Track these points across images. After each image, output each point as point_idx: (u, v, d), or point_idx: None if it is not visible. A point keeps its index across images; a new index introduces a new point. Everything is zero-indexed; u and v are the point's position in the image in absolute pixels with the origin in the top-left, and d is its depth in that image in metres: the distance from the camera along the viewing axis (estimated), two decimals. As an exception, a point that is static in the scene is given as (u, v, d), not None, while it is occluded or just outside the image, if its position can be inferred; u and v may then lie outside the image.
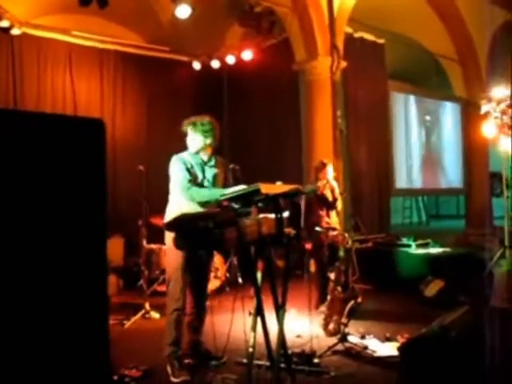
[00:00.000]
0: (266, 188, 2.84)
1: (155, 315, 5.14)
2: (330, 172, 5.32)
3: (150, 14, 8.87)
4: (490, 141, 9.54)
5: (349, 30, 8.15)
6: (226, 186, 3.68)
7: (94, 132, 1.44)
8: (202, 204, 3.52)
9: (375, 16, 8.70)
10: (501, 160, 6.44)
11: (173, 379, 3.46)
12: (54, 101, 7.53)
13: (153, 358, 3.78)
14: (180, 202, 3.58)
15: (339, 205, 5.36)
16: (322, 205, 5.28)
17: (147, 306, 5.23)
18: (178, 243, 2.63)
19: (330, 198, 5.28)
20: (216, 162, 3.78)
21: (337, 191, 5.30)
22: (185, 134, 3.73)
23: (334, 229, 5.12)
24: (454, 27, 10.02)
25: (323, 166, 5.35)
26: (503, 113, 5.29)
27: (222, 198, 3.08)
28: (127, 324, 4.88)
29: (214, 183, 3.70)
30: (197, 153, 3.70)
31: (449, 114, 10.79)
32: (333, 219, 5.36)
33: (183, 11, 6.24)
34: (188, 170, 3.60)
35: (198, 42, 9.05)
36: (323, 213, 5.28)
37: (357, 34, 8.38)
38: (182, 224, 2.58)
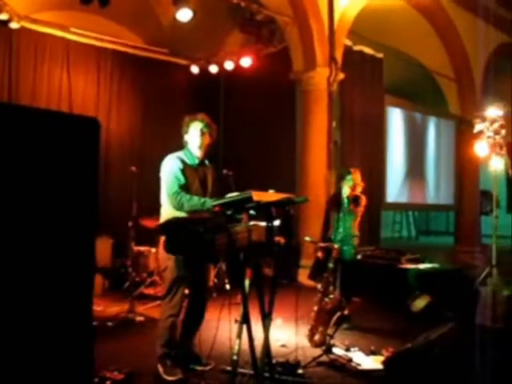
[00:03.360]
0: (258, 195, 2.84)
1: (140, 318, 5.09)
2: (353, 180, 5.18)
3: (151, 15, 8.87)
4: (482, 159, 9.66)
5: (348, 42, 8.21)
6: (213, 191, 3.65)
7: (89, 130, 1.42)
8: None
9: (375, 30, 8.78)
10: (491, 179, 6.49)
11: (166, 377, 3.45)
12: (49, 97, 7.49)
13: (137, 360, 3.75)
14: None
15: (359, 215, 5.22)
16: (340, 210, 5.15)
17: (132, 308, 5.18)
18: (167, 247, 2.62)
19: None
20: (209, 165, 3.76)
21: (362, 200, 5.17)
22: (185, 132, 3.68)
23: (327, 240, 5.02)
24: (452, 46, 10.15)
25: (349, 173, 5.20)
26: (496, 132, 5.33)
27: (214, 203, 3.05)
28: (111, 325, 4.83)
29: (206, 187, 3.66)
30: (194, 152, 3.65)
31: (443, 131, 10.87)
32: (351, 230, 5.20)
33: (184, 14, 6.24)
34: (182, 171, 3.53)
35: (197, 46, 9.06)
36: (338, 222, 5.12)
37: (356, 47, 8.44)
38: (173, 228, 2.57)
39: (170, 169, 3.55)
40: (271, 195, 3.03)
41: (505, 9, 10.92)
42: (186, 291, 3.68)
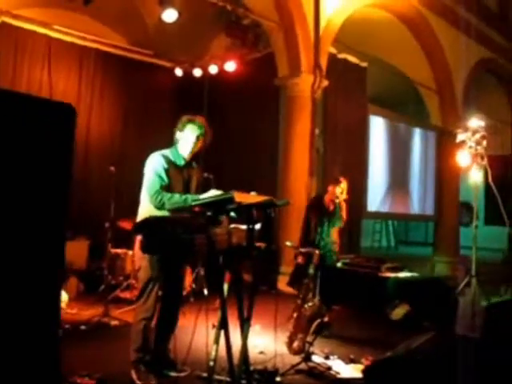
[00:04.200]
0: (240, 197, 2.77)
1: (115, 322, 4.95)
2: (339, 188, 5.31)
3: (136, 16, 8.80)
4: (462, 170, 9.76)
5: (333, 50, 8.23)
6: (198, 192, 3.54)
7: (64, 117, 1.34)
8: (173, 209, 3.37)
9: (360, 40, 8.83)
10: (470, 190, 6.54)
11: (139, 383, 3.33)
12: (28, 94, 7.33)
13: (110, 365, 3.63)
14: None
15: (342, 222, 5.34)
16: (322, 216, 5.23)
17: (107, 311, 5.04)
18: (144, 247, 2.52)
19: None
20: (195, 167, 3.68)
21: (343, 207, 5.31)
22: (179, 130, 3.57)
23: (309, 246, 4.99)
24: (435, 58, 10.27)
25: (338, 182, 5.31)
26: (477, 143, 5.37)
27: (194, 203, 2.96)
28: (84, 329, 4.68)
29: (190, 188, 3.57)
30: (182, 152, 3.55)
31: (424, 142, 10.97)
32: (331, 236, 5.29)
33: (170, 15, 6.18)
34: (166, 170, 3.43)
35: (181, 48, 9.01)
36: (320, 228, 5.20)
37: (340, 55, 8.47)
38: (150, 227, 2.47)
39: (153, 167, 3.44)
40: (253, 197, 2.96)
41: (485, 24, 11.15)
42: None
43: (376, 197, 9.69)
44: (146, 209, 3.44)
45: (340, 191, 5.23)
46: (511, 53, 12.39)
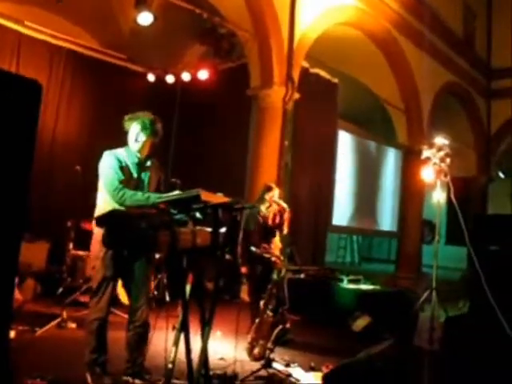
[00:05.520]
0: (207, 196, 2.74)
1: (72, 325, 4.81)
2: (276, 194, 5.13)
3: (111, 19, 8.74)
4: (426, 189, 9.99)
5: (306, 64, 8.35)
6: (158, 191, 3.46)
7: (28, 92, 1.30)
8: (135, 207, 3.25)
9: (332, 56, 9.01)
10: (433, 209, 6.70)
11: None
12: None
13: (64, 367, 3.51)
14: (112, 201, 3.29)
15: (285, 228, 5.02)
16: (264, 233, 5.04)
17: (64, 314, 4.89)
18: (106, 240, 2.46)
19: (277, 221, 5.02)
20: (152, 164, 3.57)
21: (286, 213, 4.99)
22: (126, 130, 3.50)
23: (270, 253, 4.98)
24: (403, 79, 10.55)
25: (269, 189, 5.13)
26: (441, 160, 5.51)
27: (159, 200, 2.91)
28: (39, 332, 4.52)
29: (148, 186, 3.47)
30: (134, 150, 3.47)
31: (391, 160, 11.21)
32: (276, 244, 5.09)
33: (145, 18, 6.16)
34: (121, 168, 3.35)
35: (155, 54, 8.97)
36: (263, 242, 5.00)
37: (313, 70, 8.60)
38: (113, 220, 2.42)
39: (107, 164, 3.35)
40: (220, 197, 2.93)
41: (451, 49, 11.58)
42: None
43: (342, 211, 9.81)
44: (102, 206, 3.33)
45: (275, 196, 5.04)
46: (475, 79, 12.89)
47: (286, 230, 5.00)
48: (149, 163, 3.56)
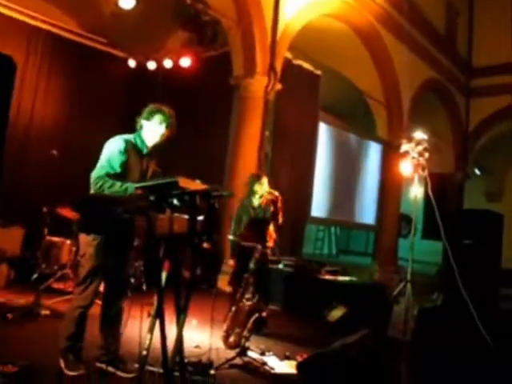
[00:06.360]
0: (185, 182, 2.72)
1: (46, 311, 4.73)
2: (265, 182, 5.06)
3: (91, 1, 8.54)
4: (404, 183, 10.10)
5: (288, 55, 8.32)
6: None
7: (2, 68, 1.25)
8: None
9: (315, 48, 8.98)
10: (410, 203, 6.78)
11: (67, 372, 3.19)
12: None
13: (37, 353, 3.46)
14: None
15: (280, 218, 4.84)
16: (257, 225, 4.93)
17: (38, 301, 4.81)
18: (82, 225, 2.42)
19: (271, 211, 4.83)
20: (153, 158, 3.57)
21: (279, 201, 4.80)
22: (145, 118, 3.43)
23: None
24: (385, 73, 10.61)
25: (258, 177, 5.05)
26: (420, 154, 5.58)
27: (137, 186, 2.87)
28: (11, 317, 4.44)
29: (145, 178, 3.43)
30: (148, 140, 3.43)
31: (372, 153, 11.29)
32: (271, 234, 4.93)
33: (127, 2, 6.06)
34: (124, 156, 3.29)
35: (137, 39, 8.84)
36: (257, 235, 4.84)
37: (296, 61, 8.58)
38: (89, 205, 2.38)
39: (109, 151, 3.30)
40: (198, 185, 2.91)
41: (433, 46, 11.69)
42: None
43: (321, 203, 9.86)
44: None
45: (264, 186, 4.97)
46: (455, 76, 13.04)
47: (281, 220, 4.86)
48: (153, 156, 3.54)
